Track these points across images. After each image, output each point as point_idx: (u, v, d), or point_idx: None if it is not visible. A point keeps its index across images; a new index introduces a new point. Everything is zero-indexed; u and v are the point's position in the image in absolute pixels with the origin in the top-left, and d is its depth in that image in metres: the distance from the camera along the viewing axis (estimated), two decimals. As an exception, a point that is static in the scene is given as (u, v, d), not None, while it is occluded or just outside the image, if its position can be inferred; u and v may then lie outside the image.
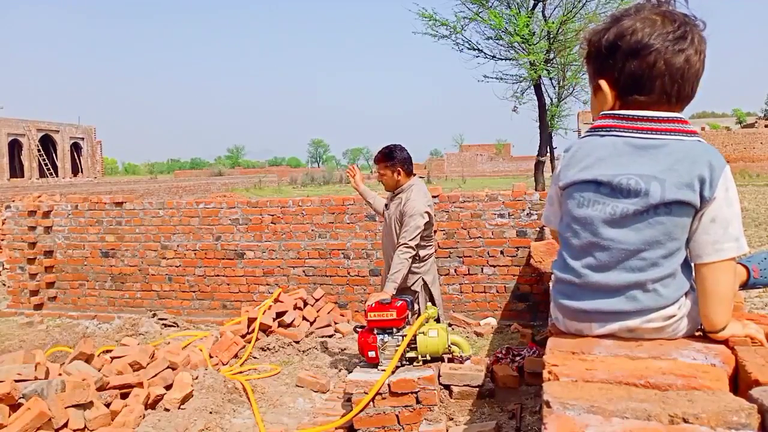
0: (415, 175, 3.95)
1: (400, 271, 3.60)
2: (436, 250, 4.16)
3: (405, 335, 3.13)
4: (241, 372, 4.36)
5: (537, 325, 5.16)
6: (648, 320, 1.33)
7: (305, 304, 5.44)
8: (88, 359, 3.69)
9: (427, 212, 3.70)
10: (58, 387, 3.02)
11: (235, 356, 4.65)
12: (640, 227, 1.30)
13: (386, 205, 4.02)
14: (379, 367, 3.15)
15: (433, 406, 2.98)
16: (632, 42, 1.30)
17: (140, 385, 3.47)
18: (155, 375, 3.63)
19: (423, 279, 3.86)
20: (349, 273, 5.81)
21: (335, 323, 5.37)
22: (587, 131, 1.45)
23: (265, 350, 4.77)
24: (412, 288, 3.79)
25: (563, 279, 1.44)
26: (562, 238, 1.46)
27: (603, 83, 1.37)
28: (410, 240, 3.61)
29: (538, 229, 5.41)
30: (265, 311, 5.03)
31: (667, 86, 1.30)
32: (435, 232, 5.52)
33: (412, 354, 3.15)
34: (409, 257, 3.64)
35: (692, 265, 1.36)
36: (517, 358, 3.56)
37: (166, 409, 3.40)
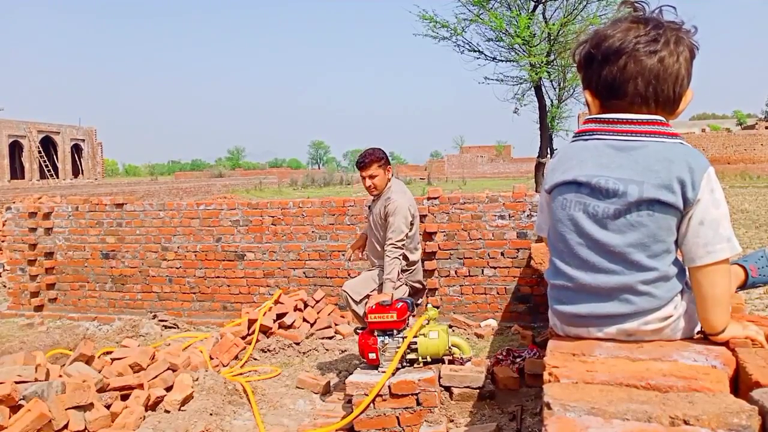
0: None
1: (394, 270, 3.63)
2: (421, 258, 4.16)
3: (405, 337, 3.13)
4: (241, 373, 4.36)
5: (537, 327, 5.16)
6: (645, 322, 1.33)
7: (305, 305, 5.44)
8: (88, 361, 3.69)
9: (408, 208, 3.74)
10: (58, 388, 3.02)
11: (236, 358, 4.65)
12: (623, 229, 1.31)
13: (369, 207, 4.05)
14: (379, 368, 3.15)
15: (434, 408, 2.97)
16: (603, 49, 1.32)
17: (140, 386, 3.47)
18: (155, 376, 3.63)
19: (410, 284, 3.91)
20: (349, 275, 5.80)
21: (335, 325, 5.37)
22: (572, 137, 1.47)
23: (265, 352, 4.77)
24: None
25: (556, 284, 1.44)
26: (551, 243, 1.48)
27: (586, 94, 1.41)
28: (397, 240, 3.65)
29: (538, 230, 5.41)
30: (265, 313, 5.03)
31: (640, 88, 1.31)
32: (434, 235, 5.56)
33: (412, 356, 3.15)
34: (400, 255, 3.68)
35: (686, 268, 1.36)
36: (518, 360, 3.56)
37: (167, 411, 3.40)
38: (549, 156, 14.14)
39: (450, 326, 5.19)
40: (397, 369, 3.09)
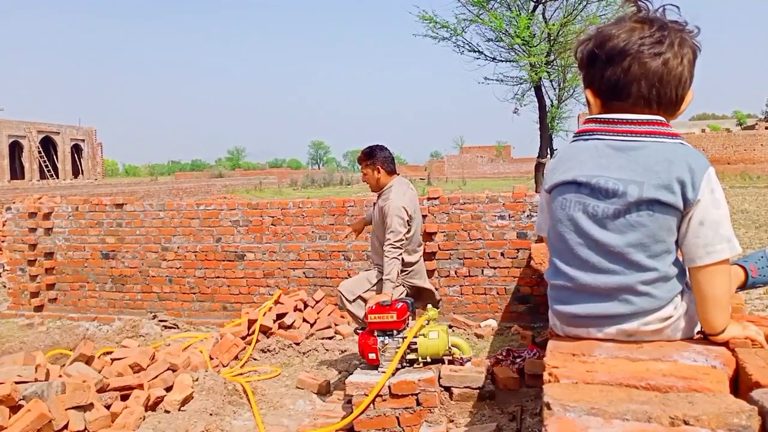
0: (397, 174, 3.99)
1: (393, 270, 3.64)
2: (422, 256, 4.15)
3: (405, 337, 3.13)
4: (241, 374, 4.36)
5: (537, 327, 5.16)
6: (645, 323, 1.33)
7: (305, 305, 5.44)
8: (88, 361, 3.69)
9: (404, 208, 3.71)
10: (58, 389, 3.02)
11: (236, 358, 4.65)
12: (622, 229, 1.31)
13: (374, 203, 4.06)
14: (379, 368, 3.15)
15: (434, 408, 2.97)
16: (608, 49, 1.31)
17: (140, 386, 3.47)
18: (155, 377, 3.63)
19: (408, 285, 3.91)
20: (349, 275, 5.79)
21: (335, 325, 5.37)
22: (572, 137, 1.47)
23: (265, 352, 4.77)
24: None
25: (556, 285, 1.44)
26: (551, 243, 1.48)
27: (588, 93, 1.40)
28: (395, 241, 3.66)
29: (538, 230, 5.41)
30: (265, 313, 5.03)
31: (644, 90, 1.30)
32: (434, 236, 5.56)
33: (412, 356, 3.15)
34: (398, 254, 3.68)
35: (686, 268, 1.36)
36: (518, 360, 3.56)
37: (167, 411, 3.40)
38: (549, 156, 14.11)
39: (450, 326, 5.19)
40: (397, 369, 3.09)
